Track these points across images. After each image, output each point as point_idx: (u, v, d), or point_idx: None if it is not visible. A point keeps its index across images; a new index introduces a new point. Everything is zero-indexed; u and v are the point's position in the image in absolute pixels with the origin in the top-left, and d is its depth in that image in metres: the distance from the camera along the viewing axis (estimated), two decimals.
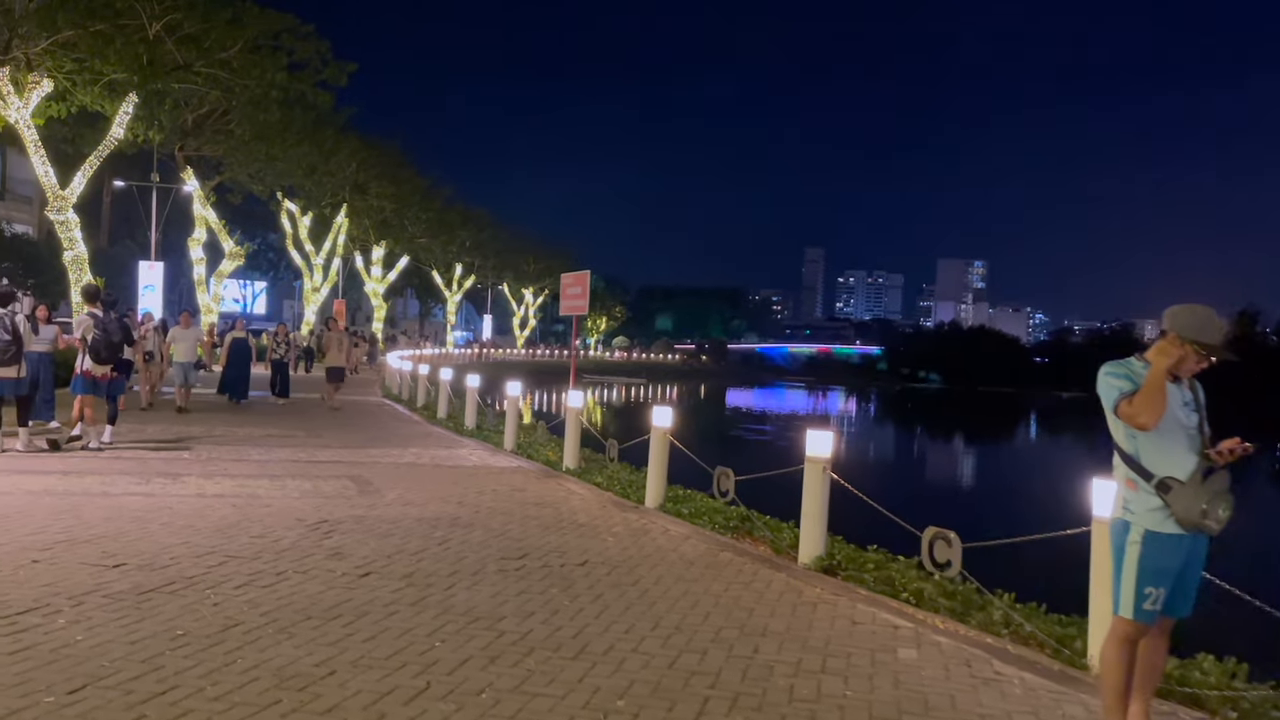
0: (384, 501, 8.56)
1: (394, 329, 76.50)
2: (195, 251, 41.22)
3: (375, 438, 14.15)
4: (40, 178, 27.26)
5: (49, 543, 6.18)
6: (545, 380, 53.17)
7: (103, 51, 24.84)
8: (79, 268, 27.84)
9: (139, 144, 31.44)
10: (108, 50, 24.68)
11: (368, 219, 56.68)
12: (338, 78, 32.85)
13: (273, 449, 12.00)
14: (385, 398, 23.61)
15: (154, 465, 10.00)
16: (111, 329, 10.83)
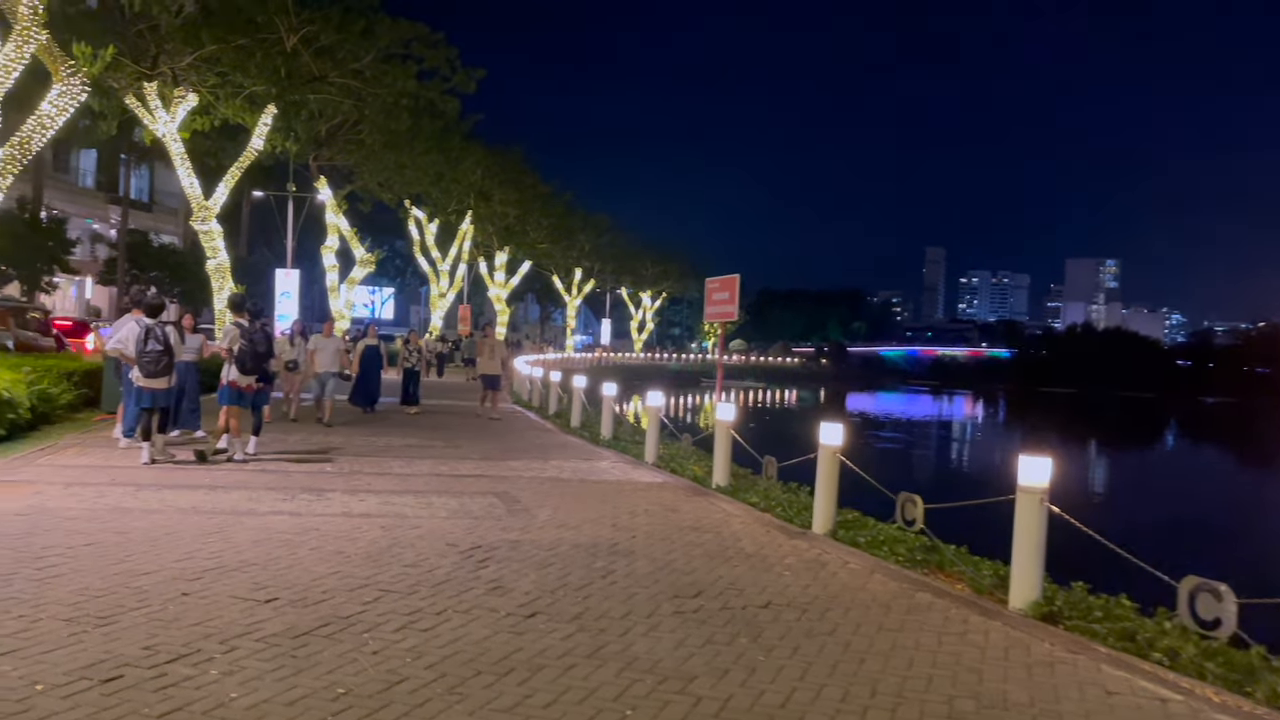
0: (536, 523, 8.03)
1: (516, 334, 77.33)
2: (328, 259, 42.20)
3: (513, 448, 13.75)
4: (186, 189, 28.07)
5: (198, 570, 5.82)
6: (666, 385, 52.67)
7: (244, 65, 25.38)
8: (221, 276, 28.55)
9: (276, 155, 32.18)
10: (248, 64, 25.21)
11: (491, 225, 57.29)
12: (466, 84, 32.96)
13: (413, 461, 11.69)
14: (515, 404, 23.40)
15: (298, 479, 9.74)
16: (257, 339, 10.67)
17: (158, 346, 10.19)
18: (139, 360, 10.18)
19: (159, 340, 10.24)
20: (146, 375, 10.21)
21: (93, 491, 8.28)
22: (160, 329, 10.39)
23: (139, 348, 10.21)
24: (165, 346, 10.30)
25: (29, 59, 14.53)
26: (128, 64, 25.31)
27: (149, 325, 10.39)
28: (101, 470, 9.53)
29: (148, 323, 10.48)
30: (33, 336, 23.96)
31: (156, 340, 10.22)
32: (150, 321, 10.53)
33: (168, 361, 10.30)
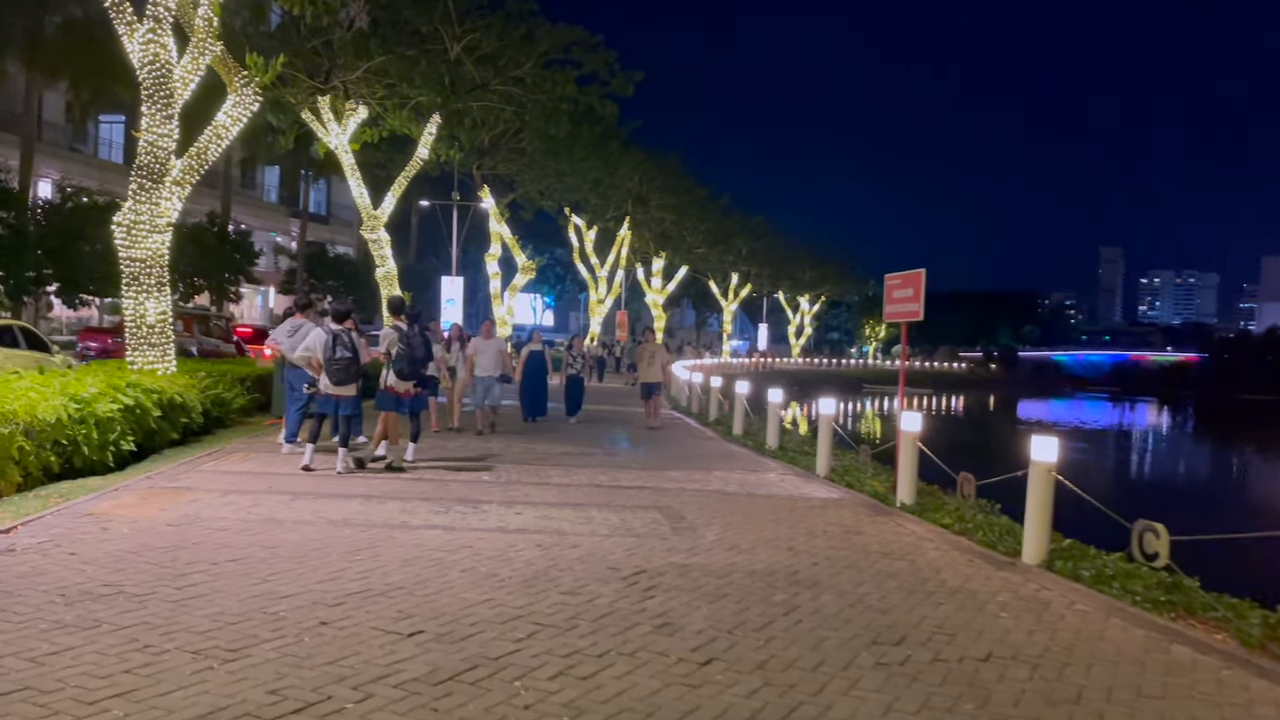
0: (704, 544, 7.28)
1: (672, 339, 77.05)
2: (491, 266, 42.84)
3: (674, 458, 13.05)
4: (356, 199, 28.78)
5: (341, 593, 5.33)
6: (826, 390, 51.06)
7: (409, 75, 25.76)
8: (389, 283, 29.13)
9: (441, 163, 32.72)
10: (413, 73, 25.56)
11: (649, 230, 57.13)
12: (624, 88, 32.64)
13: (572, 470, 11.14)
14: (674, 410, 22.76)
15: (454, 489, 9.31)
16: (415, 343, 10.34)
17: (346, 354, 9.95)
18: (327, 367, 9.94)
19: (347, 347, 10.00)
20: (335, 382, 9.95)
21: (248, 500, 8.04)
22: (347, 335, 10.17)
23: (327, 354, 9.98)
24: (354, 353, 10.05)
25: (205, 71, 14.84)
26: (303, 79, 26.14)
27: (336, 331, 10.17)
28: (261, 477, 9.36)
29: (335, 329, 10.27)
30: (215, 343, 24.96)
31: (345, 347, 9.98)
32: (337, 328, 10.31)
33: (356, 369, 10.05)
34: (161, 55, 13.80)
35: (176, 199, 14.96)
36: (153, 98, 13.98)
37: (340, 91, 26.94)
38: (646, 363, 18.09)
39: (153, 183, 14.23)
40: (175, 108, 14.31)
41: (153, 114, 14.03)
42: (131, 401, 10.28)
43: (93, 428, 9.36)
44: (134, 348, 14.13)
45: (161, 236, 14.58)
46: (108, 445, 9.64)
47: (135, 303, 14.30)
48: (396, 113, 27.55)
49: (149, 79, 13.88)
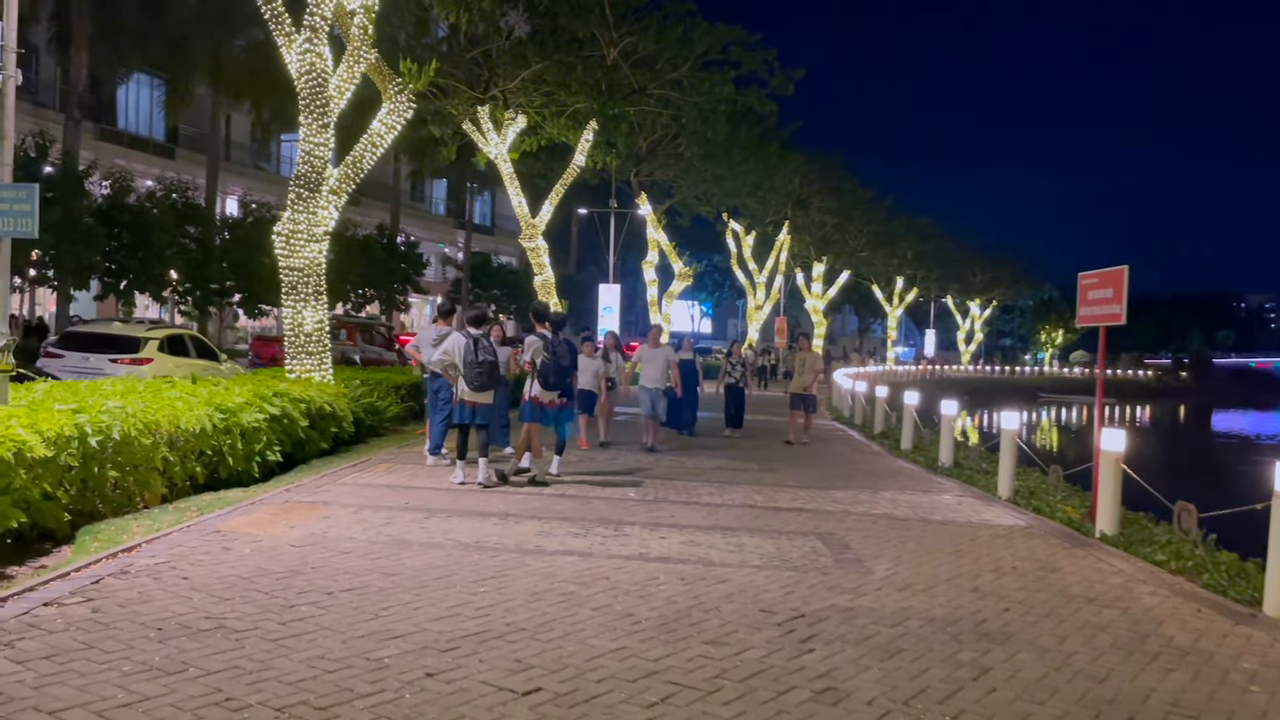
0: (872, 581, 6.36)
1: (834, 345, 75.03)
2: (648, 273, 42.60)
3: (837, 475, 12.07)
4: (515, 208, 28.94)
5: (457, 635, 4.73)
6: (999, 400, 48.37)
7: (565, 81, 25.63)
8: (547, 291, 29.14)
9: (599, 171, 32.59)
10: (569, 79, 25.41)
11: (809, 235, 55.70)
12: (784, 87, 31.60)
13: (725, 487, 10.35)
14: (835, 421, 21.63)
15: (596, 507, 8.69)
16: (560, 352, 9.80)
17: (489, 358, 9.57)
18: (466, 372, 9.58)
19: (489, 352, 9.62)
20: (473, 388, 9.59)
21: (381, 518, 7.63)
22: (488, 341, 9.79)
23: (467, 359, 9.63)
24: (494, 359, 9.69)
25: (359, 79, 14.87)
26: (463, 89, 26.44)
27: (476, 336, 9.81)
28: (400, 491, 8.99)
29: (475, 334, 9.91)
30: (378, 351, 25.45)
31: (486, 352, 9.61)
32: (477, 333, 9.95)
33: (496, 375, 9.69)
34: (318, 65, 13.86)
35: (333, 208, 15.04)
36: (309, 107, 14.07)
37: (500, 101, 27.14)
38: (798, 371, 16.36)
39: (310, 192, 14.32)
40: (331, 117, 14.37)
41: (309, 123, 14.12)
42: (278, 411, 10.15)
43: (238, 438, 9.23)
44: (292, 355, 14.25)
45: (319, 246, 14.67)
46: (253, 456, 9.51)
47: (293, 311, 14.42)
48: (554, 120, 27.54)
49: (306, 88, 13.97)
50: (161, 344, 14.91)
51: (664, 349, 14.50)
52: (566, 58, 25.64)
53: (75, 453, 6.98)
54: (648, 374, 13.88)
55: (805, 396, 16.00)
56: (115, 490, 7.75)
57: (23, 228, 7.57)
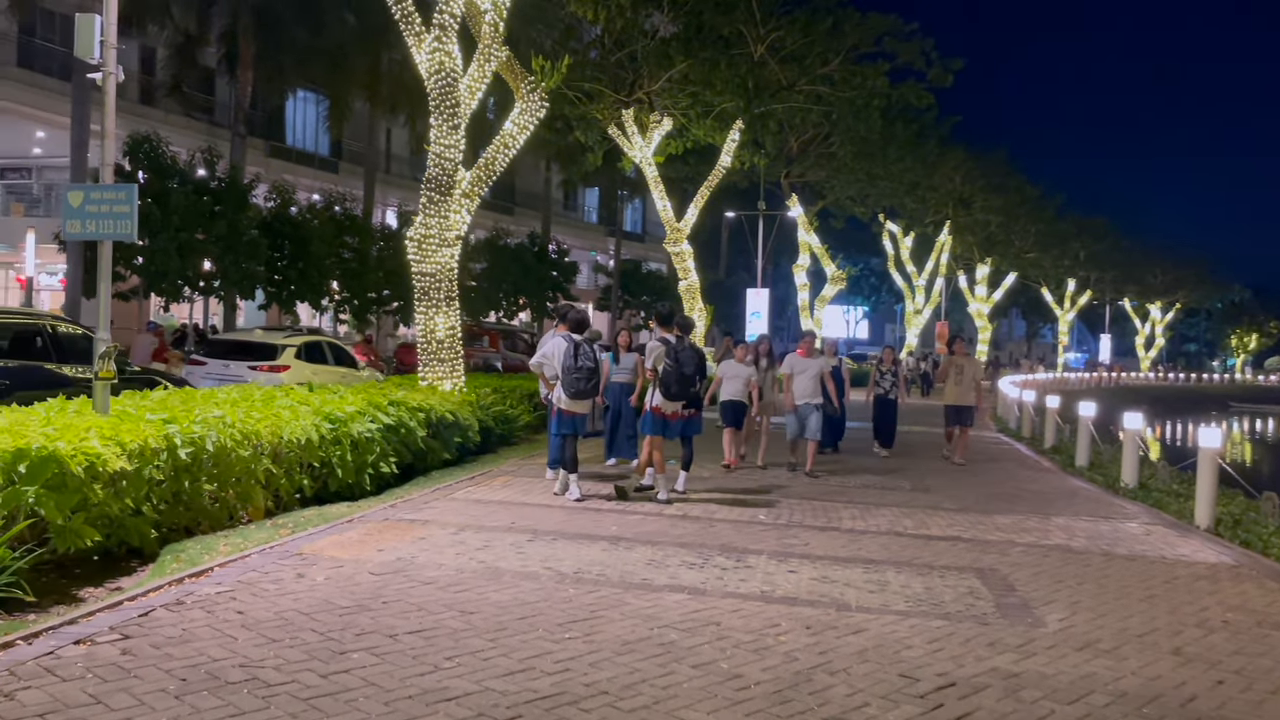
0: (1043, 637, 5.25)
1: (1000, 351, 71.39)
2: (799, 277, 41.26)
3: (1001, 496, 10.76)
4: (659, 211, 28.38)
5: (524, 698, 3.95)
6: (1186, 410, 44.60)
7: (709, 78, 24.83)
8: (691, 296, 28.48)
9: (748, 173, 31.63)
10: (713, 76, 24.60)
11: (972, 235, 53.00)
12: (942, 78, 29.73)
13: (869, 510, 9.27)
14: (1000, 432, 19.96)
15: (720, 532, 7.80)
16: (684, 359, 8.97)
17: (589, 364, 8.93)
18: (565, 378, 9.01)
19: (590, 358, 8.97)
20: (571, 395, 9.00)
21: (480, 540, 6.97)
22: (589, 346, 9.14)
23: (566, 363, 9.04)
24: (595, 365, 9.04)
25: (490, 78, 14.48)
26: (607, 93, 26.04)
27: (578, 341, 9.18)
28: (510, 509, 8.35)
29: (576, 339, 9.28)
30: (520, 358, 25.26)
31: (587, 358, 8.97)
32: (579, 337, 9.32)
33: (596, 382, 9.04)
34: (446, 64, 13.52)
35: (465, 212, 14.70)
36: (439, 108, 13.75)
37: (645, 104, 26.61)
38: (954, 380, 14.07)
39: (440, 195, 13.99)
40: (462, 118, 14.01)
41: (440, 124, 13.80)
42: (392, 420, 9.71)
43: (347, 449, 8.80)
44: (424, 363, 13.96)
45: (450, 250, 14.34)
46: (364, 468, 9.07)
47: (425, 318, 14.13)
48: (700, 122, 26.80)
49: (435, 89, 13.66)
50: (299, 351, 14.91)
51: (819, 359, 12.32)
52: (711, 55, 24.88)
53: (164, 465, 6.63)
54: (800, 387, 11.82)
55: (962, 409, 14.07)
56: (214, 504, 7.41)
57: (121, 229, 7.32)
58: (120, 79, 7.54)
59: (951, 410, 14.20)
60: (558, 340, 9.36)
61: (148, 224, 24.49)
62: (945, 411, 14.41)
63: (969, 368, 14.18)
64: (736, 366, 11.69)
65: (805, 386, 11.81)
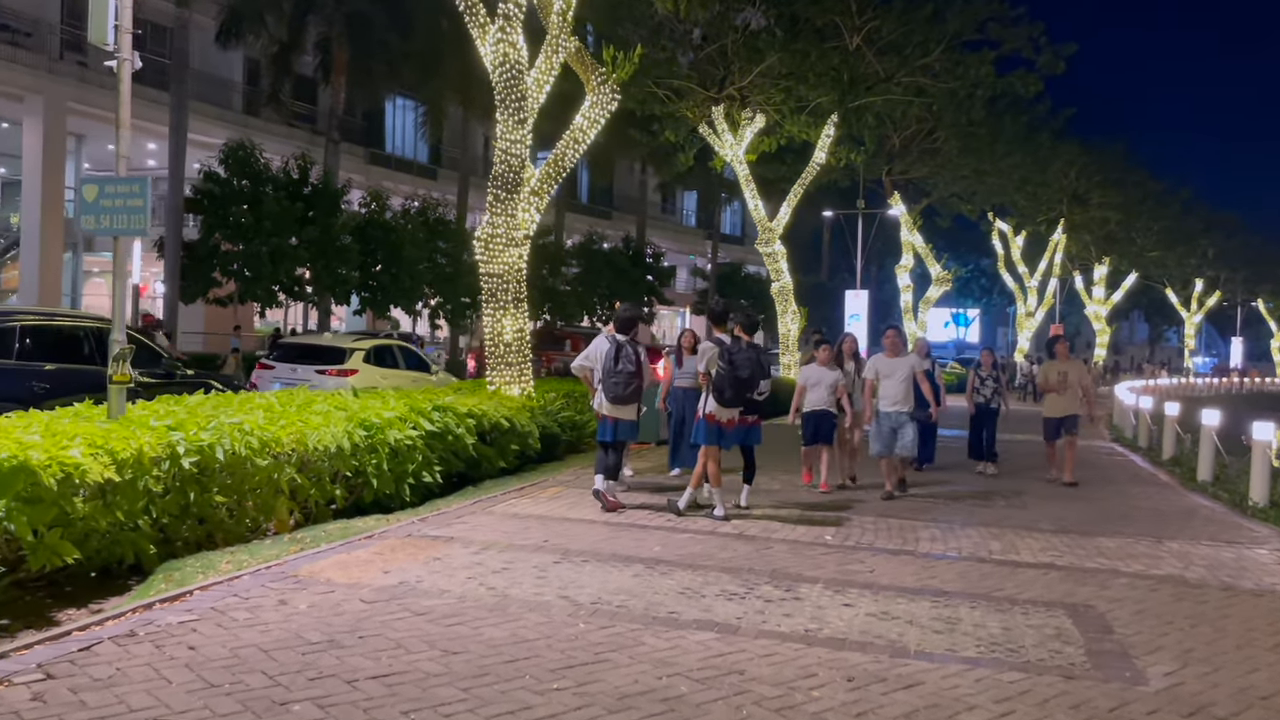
0: (1142, 700, 4.30)
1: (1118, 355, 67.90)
2: (902, 278, 39.74)
3: (1107, 514, 9.62)
4: (751, 210, 27.56)
5: None
6: None
7: (800, 71, 23.88)
8: (784, 298, 27.58)
9: (846, 169, 30.45)
10: (804, 69, 23.63)
11: (1089, 234, 50.38)
12: (1053, 65, 28.02)
13: (953, 530, 8.30)
14: (1114, 441, 18.46)
15: (776, 554, 6.98)
16: (740, 361, 8.18)
17: (629, 367, 8.29)
18: (605, 380, 8.43)
19: (631, 360, 8.32)
20: (611, 399, 8.41)
21: (500, 561, 6.32)
22: (632, 347, 8.48)
23: (607, 365, 8.43)
24: (637, 368, 8.37)
25: (558, 70, 13.93)
26: (697, 90, 25.35)
27: (620, 342, 8.54)
28: (548, 524, 7.69)
29: (620, 339, 8.63)
30: None
31: (629, 360, 8.32)
32: (623, 338, 8.66)
33: (637, 386, 8.38)
34: (511, 55, 13.01)
35: (534, 210, 14.16)
36: (505, 101, 13.24)
37: (736, 100, 25.83)
38: (1061, 383, 12.15)
39: (507, 193, 13.48)
40: (529, 112, 13.47)
41: (506, 119, 13.30)
42: (437, 427, 9.16)
43: (384, 457, 8.28)
44: (492, 366, 13.47)
45: (519, 250, 13.82)
46: (405, 477, 8.54)
47: (493, 320, 13.63)
48: (794, 118, 25.86)
49: (500, 82, 13.16)
50: (368, 355, 14.61)
51: (908, 358, 10.49)
52: (802, 47, 23.93)
53: (164, 475, 6.19)
54: (887, 392, 10.16)
55: (1064, 420, 12.10)
56: (230, 517, 6.96)
57: (135, 224, 6.94)
58: (137, 66, 7.18)
59: (1052, 424, 12.25)
60: (600, 341, 8.74)
61: (241, 230, 24.87)
62: (1045, 426, 12.39)
63: (1073, 373, 12.29)
64: (819, 371, 10.29)
65: (893, 391, 10.08)
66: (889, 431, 10.05)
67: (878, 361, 10.38)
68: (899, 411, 10.00)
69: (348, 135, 39.44)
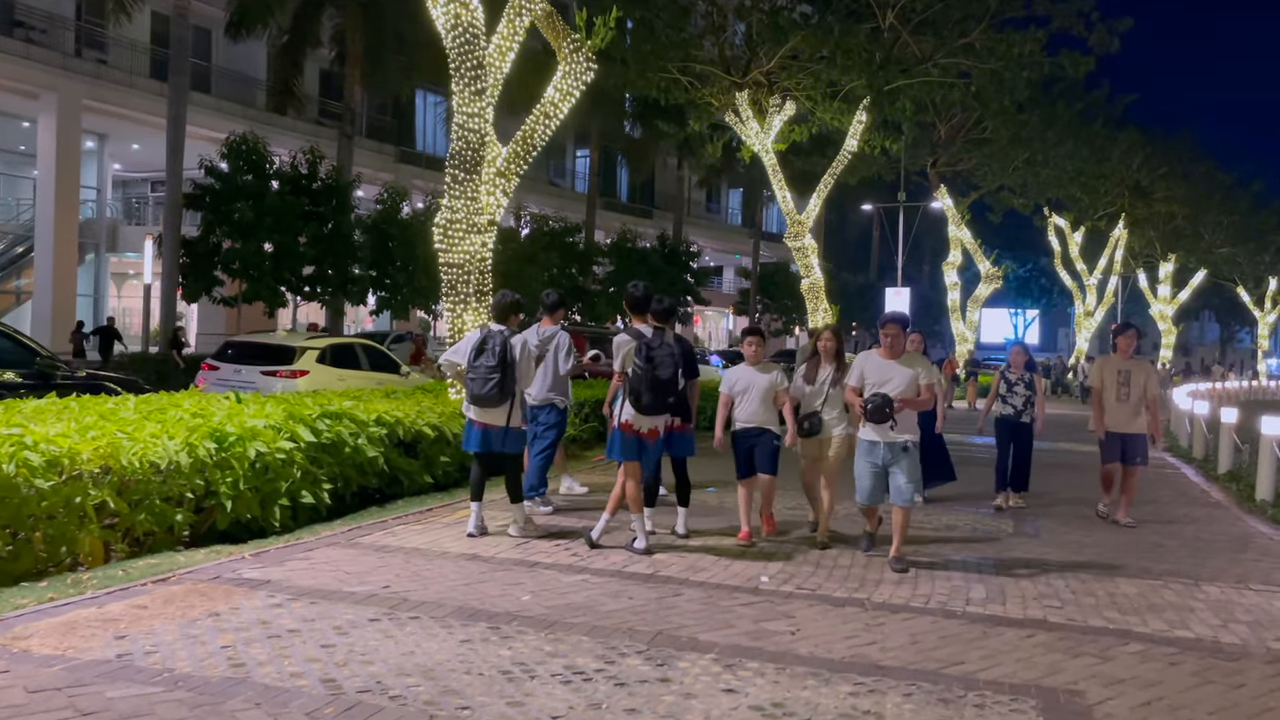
0: None
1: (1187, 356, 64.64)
2: (949, 276, 37.70)
3: (1136, 542, 7.88)
4: (780, 203, 25.97)
5: None
6: None
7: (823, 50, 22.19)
8: (815, 296, 25.93)
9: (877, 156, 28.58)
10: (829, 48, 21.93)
11: (1153, 229, 47.67)
12: (1106, 43, 25.80)
13: (928, 575, 6.66)
14: (1167, 451, 16.49)
15: (680, 606, 5.44)
16: (660, 357, 6.66)
17: (490, 362, 6.84)
18: (466, 378, 6.98)
19: (495, 354, 6.86)
20: (471, 400, 6.97)
21: (297, 618, 4.87)
22: (502, 337, 7.00)
23: (470, 361, 7.00)
24: (500, 363, 6.87)
25: (524, 35, 12.53)
26: (720, 75, 23.85)
27: (487, 333, 7.10)
28: (410, 561, 6.21)
29: (495, 328, 7.18)
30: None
31: (493, 354, 6.87)
32: (497, 328, 7.19)
33: (497, 385, 6.85)
34: (464, 17, 11.62)
35: (501, 193, 12.77)
36: (459, 70, 11.86)
37: (764, 86, 24.26)
38: (1115, 393, 8.96)
39: (466, 173, 12.11)
40: (487, 81, 12.09)
41: (462, 90, 11.93)
42: (327, 438, 7.78)
43: (242, 475, 6.91)
44: None
45: (481, 238, 12.44)
46: (275, 497, 7.16)
47: (453, 314, 12.28)
48: (826, 104, 24.17)
49: (454, 48, 11.79)
50: (323, 354, 13.31)
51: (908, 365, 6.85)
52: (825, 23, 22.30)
53: None
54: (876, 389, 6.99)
55: (1131, 439, 8.90)
56: (9, 551, 5.65)
57: None
58: None
59: (1113, 441, 8.94)
60: (473, 334, 7.30)
61: (241, 226, 23.83)
62: (1102, 444, 9.03)
63: (1138, 374, 8.95)
64: (749, 373, 7.33)
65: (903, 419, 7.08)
66: (877, 469, 6.77)
67: (867, 364, 6.91)
68: (894, 441, 6.68)
69: (378, 133, 38.54)
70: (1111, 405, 8.98)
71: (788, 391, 7.27)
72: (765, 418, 7.22)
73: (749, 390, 7.24)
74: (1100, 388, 9.08)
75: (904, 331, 6.96)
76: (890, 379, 6.73)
